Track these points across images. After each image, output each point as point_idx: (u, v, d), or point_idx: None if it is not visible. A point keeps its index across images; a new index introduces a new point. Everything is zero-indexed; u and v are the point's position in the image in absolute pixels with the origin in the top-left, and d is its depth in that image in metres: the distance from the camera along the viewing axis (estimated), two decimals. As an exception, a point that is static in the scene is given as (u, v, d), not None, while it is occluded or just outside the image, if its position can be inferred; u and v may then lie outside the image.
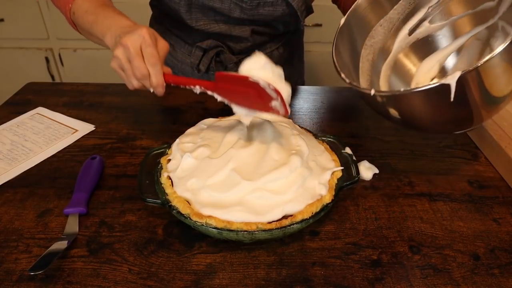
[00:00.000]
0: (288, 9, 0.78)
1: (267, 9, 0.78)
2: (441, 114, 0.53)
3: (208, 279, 0.47)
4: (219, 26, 0.80)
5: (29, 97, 0.84)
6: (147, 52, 0.55)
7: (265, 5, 0.77)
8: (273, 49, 0.89)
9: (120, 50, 0.56)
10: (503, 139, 0.66)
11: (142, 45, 0.55)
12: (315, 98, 0.87)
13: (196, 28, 0.80)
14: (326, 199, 0.50)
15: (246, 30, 0.81)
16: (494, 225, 0.55)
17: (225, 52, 0.83)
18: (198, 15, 0.79)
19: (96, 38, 0.65)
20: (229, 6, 0.76)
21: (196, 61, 0.84)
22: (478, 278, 0.48)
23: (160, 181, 0.53)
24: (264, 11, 0.78)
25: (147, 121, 0.77)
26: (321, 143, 0.61)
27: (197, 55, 0.83)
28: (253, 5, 0.77)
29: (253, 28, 0.81)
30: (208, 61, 0.84)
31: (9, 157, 0.66)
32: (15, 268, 0.48)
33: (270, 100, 0.51)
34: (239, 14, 0.78)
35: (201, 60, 0.84)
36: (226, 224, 0.46)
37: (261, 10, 0.78)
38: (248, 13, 0.78)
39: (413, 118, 0.56)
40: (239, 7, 0.77)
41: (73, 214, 0.54)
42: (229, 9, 0.77)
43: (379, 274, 0.48)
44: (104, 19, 0.62)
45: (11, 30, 1.90)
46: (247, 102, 0.54)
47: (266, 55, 0.88)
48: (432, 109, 0.53)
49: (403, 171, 0.65)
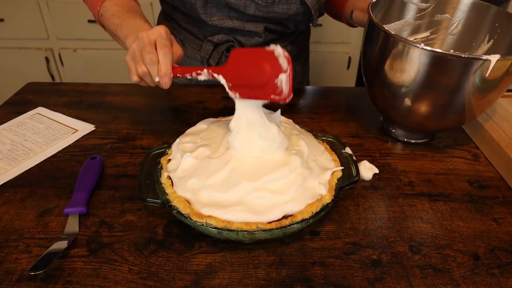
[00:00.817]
0: (302, 8, 0.80)
1: (281, 7, 0.79)
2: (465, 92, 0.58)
3: (208, 279, 0.47)
4: (232, 22, 0.81)
5: (29, 97, 0.84)
6: (161, 42, 0.56)
7: (280, 2, 0.78)
8: (282, 46, 0.89)
9: (135, 42, 0.57)
10: (503, 139, 0.66)
11: (157, 37, 0.56)
12: (315, 98, 0.87)
13: (209, 23, 0.81)
14: (326, 199, 0.50)
15: (259, 26, 0.82)
16: (494, 225, 0.55)
17: (236, 47, 0.83)
18: (213, 10, 0.80)
19: (119, 41, 0.67)
20: (245, 2, 0.77)
21: (206, 55, 0.84)
22: (478, 278, 0.48)
23: (160, 181, 0.53)
24: (278, 9, 0.79)
25: (147, 121, 0.77)
26: (321, 143, 0.61)
27: (207, 49, 0.84)
28: (269, 2, 0.78)
29: (266, 25, 0.82)
30: (218, 55, 0.84)
31: (9, 157, 0.66)
32: (15, 268, 0.48)
33: (279, 72, 0.50)
34: (254, 11, 0.79)
35: (211, 54, 0.84)
36: (226, 224, 0.46)
37: (276, 8, 0.79)
38: (263, 10, 0.79)
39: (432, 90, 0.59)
40: (255, 4, 0.78)
41: (73, 214, 0.54)
42: (244, 5, 0.78)
43: (379, 274, 0.48)
44: (128, 24, 0.65)
45: (11, 30, 1.90)
46: (253, 85, 0.52)
47: None
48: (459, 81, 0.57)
49: (403, 171, 0.65)
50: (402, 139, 0.72)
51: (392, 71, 0.62)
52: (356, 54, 1.92)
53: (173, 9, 0.88)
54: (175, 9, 0.88)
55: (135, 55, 0.57)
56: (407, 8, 0.76)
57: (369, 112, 0.80)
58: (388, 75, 0.63)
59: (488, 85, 0.58)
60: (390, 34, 0.59)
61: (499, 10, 0.68)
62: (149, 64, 0.56)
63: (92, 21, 1.86)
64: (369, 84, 0.70)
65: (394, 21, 0.75)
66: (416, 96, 0.61)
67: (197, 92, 0.87)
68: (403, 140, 0.72)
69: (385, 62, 0.62)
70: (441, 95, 0.60)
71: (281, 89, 0.50)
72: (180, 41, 0.90)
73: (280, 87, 0.50)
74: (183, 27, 0.89)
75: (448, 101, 0.60)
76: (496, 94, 0.61)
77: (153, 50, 0.56)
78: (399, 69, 0.60)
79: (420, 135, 0.72)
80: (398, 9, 0.76)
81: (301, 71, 1.01)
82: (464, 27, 0.73)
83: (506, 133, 0.68)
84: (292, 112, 0.81)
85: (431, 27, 0.77)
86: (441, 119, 0.64)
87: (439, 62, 0.56)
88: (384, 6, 0.73)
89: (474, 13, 0.72)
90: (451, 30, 0.75)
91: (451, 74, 0.56)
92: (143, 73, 0.57)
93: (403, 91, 0.62)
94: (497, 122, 0.71)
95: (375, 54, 0.64)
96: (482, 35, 0.71)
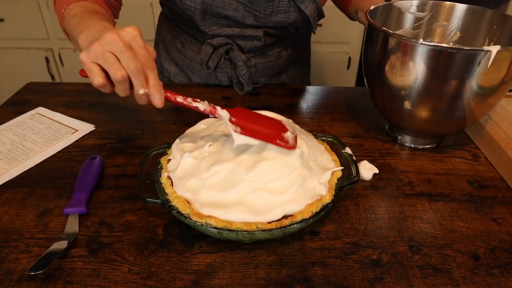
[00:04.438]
0: (301, 16, 0.80)
1: (280, 16, 0.79)
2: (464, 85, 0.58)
3: (208, 279, 0.47)
4: (232, 30, 0.81)
5: (29, 97, 0.84)
6: (142, 54, 0.48)
7: (278, 12, 0.79)
8: (281, 49, 0.90)
9: (98, 42, 0.47)
10: (503, 139, 0.66)
11: (133, 42, 0.48)
12: (315, 98, 0.87)
13: (209, 33, 0.81)
14: (326, 199, 0.50)
15: (259, 31, 0.82)
16: (494, 225, 0.55)
17: (235, 50, 0.83)
18: (212, 21, 0.80)
19: (74, 41, 0.59)
20: (243, 14, 0.77)
21: (206, 57, 0.84)
22: (478, 278, 0.48)
23: (160, 181, 0.53)
24: (277, 18, 0.80)
25: (147, 121, 0.77)
26: (321, 143, 0.61)
27: (206, 52, 0.84)
28: (267, 13, 0.78)
29: (265, 30, 0.83)
30: (217, 58, 0.84)
31: (9, 157, 0.66)
32: (15, 268, 0.48)
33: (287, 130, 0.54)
34: (252, 22, 0.79)
35: (210, 57, 0.84)
36: (226, 224, 0.46)
37: (274, 18, 0.79)
38: (262, 21, 0.80)
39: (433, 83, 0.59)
40: (253, 15, 0.78)
41: (73, 214, 0.54)
42: (242, 17, 0.78)
43: (379, 274, 0.48)
44: (86, 21, 0.56)
45: (11, 30, 1.90)
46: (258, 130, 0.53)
47: (275, 55, 0.89)
48: (460, 73, 0.56)
49: (403, 171, 0.65)
50: (409, 145, 0.71)
51: (392, 72, 0.62)
52: (356, 54, 1.92)
53: (173, 12, 0.89)
54: (174, 12, 0.88)
55: (104, 56, 0.46)
56: (405, 17, 0.76)
57: (369, 112, 0.80)
58: (388, 76, 0.63)
59: (489, 83, 0.58)
60: (389, 33, 0.59)
61: (494, 13, 0.69)
62: (134, 73, 0.47)
63: (92, 21, 1.86)
64: (370, 86, 0.70)
65: (393, 31, 0.77)
66: (418, 97, 0.61)
67: (197, 92, 0.87)
68: (410, 146, 0.71)
69: (385, 63, 0.62)
70: (442, 97, 0.59)
71: (287, 141, 0.53)
72: (180, 42, 0.90)
73: (287, 140, 0.53)
74: (183, 29, 0.89)
75: (450, 103, 0.60)
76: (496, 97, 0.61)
77: (136, 57, 0.47)
78: (399, 68, 0.60)
79: (426, 140, 0.71)
80: (396, 19, 0.76)
81: (301, 73, 1.01)
82: (463, 33, 0.74)
83: (506, 133, 0.68)
84: (292, 112, 0.81)
85: (429, 35, 0.77)
86: (442, 122, 0.64)
87: (440, 57, 0.56)
88: (382, 16, 0.73)
89: (470, 18, 0.72)
90: (451, 37, 0.75)
91: (452, 70, 0.56)
92: (122, 79, 0.47)
93: (404, 92, 0.62)
94: (497, 122, 0.71)
95: (376, 55, 0.64)
96: (482, 39, 0.71)
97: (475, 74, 0.56)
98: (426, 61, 0.57)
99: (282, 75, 0.95)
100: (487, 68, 0.55)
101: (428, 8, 0.74)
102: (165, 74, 0.96)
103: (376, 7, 0.70)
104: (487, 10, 0.69)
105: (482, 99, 0.60)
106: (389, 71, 0.62)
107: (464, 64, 0.55)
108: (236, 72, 0.86)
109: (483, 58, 0.54)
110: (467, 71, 0.56)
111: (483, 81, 0.57)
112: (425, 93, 0.60)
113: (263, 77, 0.91)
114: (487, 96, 0.60)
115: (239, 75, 0.85)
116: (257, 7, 0.77)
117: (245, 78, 0.85)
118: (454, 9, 0.73)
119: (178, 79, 0.94)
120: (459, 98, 0.59)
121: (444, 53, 0.55)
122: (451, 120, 0.64)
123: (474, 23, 0.72)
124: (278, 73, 0.94)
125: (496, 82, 0.58)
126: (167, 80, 0.96)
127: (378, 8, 0.71)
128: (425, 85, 0.59)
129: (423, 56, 0.57)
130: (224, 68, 0.86)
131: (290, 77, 0.97)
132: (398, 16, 0.76)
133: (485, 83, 0.57)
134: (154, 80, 0.48)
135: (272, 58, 0.89)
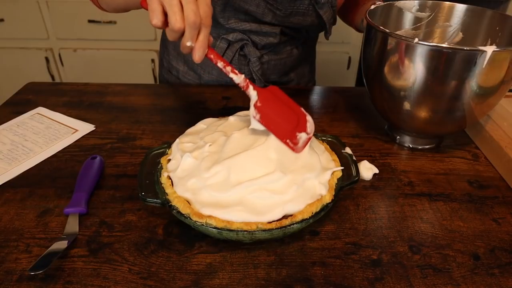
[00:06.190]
0: (317, 20, 0.81)
1: (297, 18, 0.81)
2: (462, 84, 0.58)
3: (208, 279, 0.47)
4: (250, 25, 0.82)
5: (29, 97, 0.84)
6: (204, 10, 0.48)
7: (297, 14, 0.80)
8: (293, 47, 0.91)
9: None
10: (503, 139, 0.66)
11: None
12: (315, 98, 0.87)
13: (227, 26, 0.82)
14: (326, 199, 0.50)
15: (275, 29, 0.83)
16: (494, 225, 0.55)
17: (250, 46, 0.83)
18: (231, 14, 0.80)
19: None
20: (263, 11, 0.78)
21: (220, 53, 0.84)
22: (478, 278, 0.48)
23: (160, 181, 0.53)
24: (294, 19, 0.81)
25: (147, 121, 0.77)
26: (321, 143, 0.61)
27: (221, 47, 0.84)
28: (287, 13, 0.79)
29: (281, 28, 0.84)
30: (232, 53, 0.85)
31: (9, 157, 0.66)
32: (15, 268, 0.48)
33: (303, 130, 0.54)
34: (270, 20, 0.80)
35: (225, 52, 0.84)
36: (226, 224, 0.46)
37: (292, 19, 0.81)
38: (279, 20, 0.81)
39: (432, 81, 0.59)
40: (272, 13, 0.79)
41: (73, 214, 0.54)
42: (262, 13, 0.79)
43: (379, 274, 0.48)
44: None
45: (11, 30, 1.90)
46: (277, 121, 0.54)
47: (287, 53, 0.90)
48: (458, 73, 0.56)
49: (403, 171, 0.65)
50: (407, 145, 0.71)
51: (391, 72, 0.62)
52: (356, 54, 1.92)
53: None
54: None
55: (171, 2, 0.46)
56: (404, 18, 0.76)
57: (369, 112, 0.80)
58: (387, 76, 0.63)
59: (489, 83, 0.58)
60: (388, 33, 0.60)
61: (494, 13, 0.69)
62: (191, 26, 0.47)
63: (92, 21, 1.86)
64: (369, 87, 0.70)
65: (393, 31, 0.77)
66: (417, 98, 0.61)
67: (197, 92, 0.87)
68: (409, 146, 0.71)
69: (384, 63, 0.62)
70: (441, 97, 0.59)
71: (297, 142, 0.53)
72: None
73: (297, 141, 0.53)
74: None
75: (449, 103, 0.60)
76: (496, 97, 0.61)
77: (198, 11, 0.47)
78: (398, 69, 0.60)
79: (425, 140, 0.71)
80: (395, 19, 0.76)
81: (309, 71, 1.03)
82: (465, 34, 0.73)
83: (506, 133, 0.68)
84: (292, 112, 0.81)
85: (430, 36, 0.77)
86: (442, 123, 0.64)
87: (438, 57, 0.56)
88: (381, 16, 0.73)
89: (471, 18, 0.72)
90: (452, 38, 0.75)
91: (450, 70, 0.56)
92: (178, 30, 0.48)
93: (403, 93, 0.62)
94: (497, 122, 0.71)
95: (374, 55, 0.64)
96: (484, 40, 0.71)
97: (473, 74, 0.56)
98: (424, 61, 0.57)
99: (291, 72, 0.96)
100: (485, 68, 0.55)
101: (429, 9, 0.74)
102: (173, 72, 0.95)
103: (376, 7, 0.70)
104: (487, 10, 0.69)
105: (482, 99, 0.60)
106: (388, 72, 0.62)
107: (462, 64, 0.55)
108: (249, 69, 0.86)
109: (479, 58, 0.54)
110: (465, 71, 0.56)
111: (482, 81, 0.57)
112: (424, 93, 0.60)
113: (274, 75, 0.92)
114: (487, 96, 0.60)
115: (252, 72, 0.86)
116: (279, 6, 0.78)
117: (258, 75, 0.86)
118: (455, 9, 0.73)
119: (187, 78, 0.94)
120: (459, 98, 0.59)
121: (442, 53, 0.55)
122: (451, 121, 0.64)
123: (475, 23, 0.72)
124: (288, 70, 0.94)
125: (496, 82, 0.58)
126: (175, 78, 0.95)
127: (378, 8, 0.71)
128: (424, 85, 0.59)
129: (421, 56, 0.57)
130: (237, 64, 0.87)
131: (298, 75, 0.98)
132: (397, 16, 0.76)
133: (484, 83, 0.57)
134: (204, 37, 0.49)
135: (285, 55, 0.90)
